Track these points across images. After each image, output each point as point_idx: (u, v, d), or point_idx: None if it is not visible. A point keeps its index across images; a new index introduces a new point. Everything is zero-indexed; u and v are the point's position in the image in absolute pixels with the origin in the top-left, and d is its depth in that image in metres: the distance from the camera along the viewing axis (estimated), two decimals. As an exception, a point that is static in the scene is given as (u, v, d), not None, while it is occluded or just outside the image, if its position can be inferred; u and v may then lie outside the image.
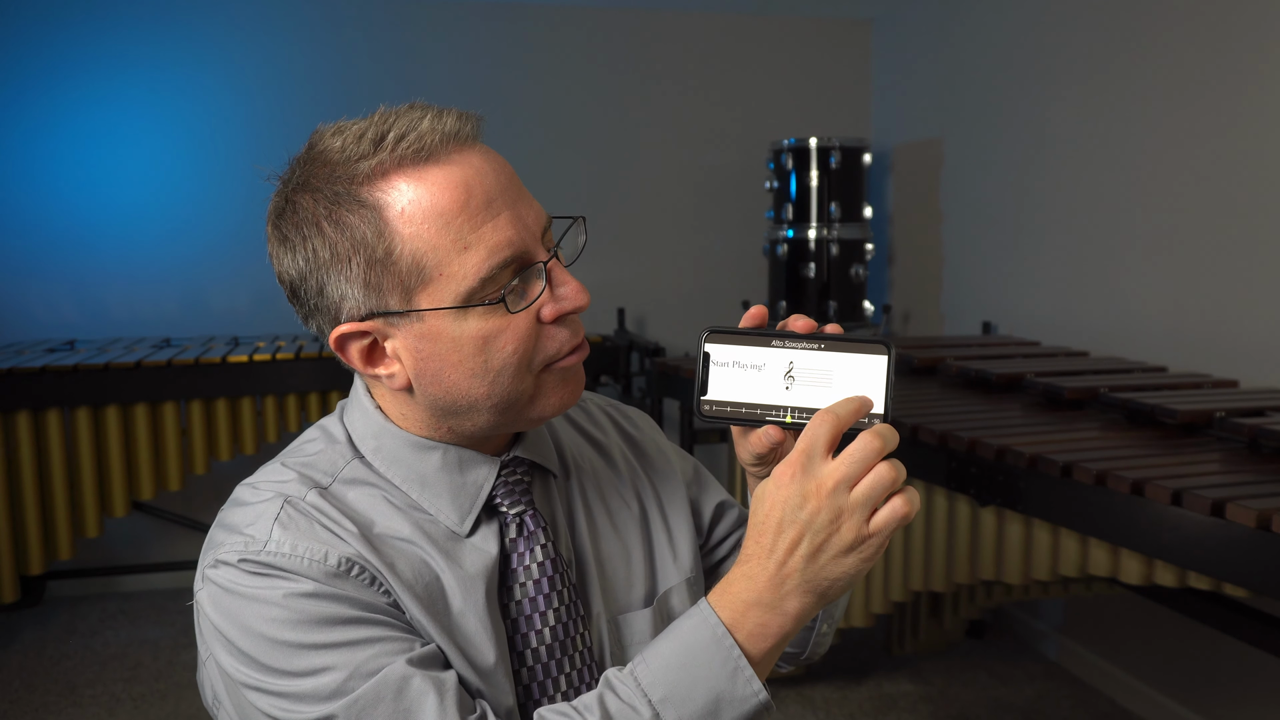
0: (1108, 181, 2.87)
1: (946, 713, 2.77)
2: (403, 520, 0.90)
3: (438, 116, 0.85)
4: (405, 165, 0.84)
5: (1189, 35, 2.59)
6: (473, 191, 0.84)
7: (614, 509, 1.03)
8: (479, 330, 0.85)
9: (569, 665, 0.94)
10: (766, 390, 0.83)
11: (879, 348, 0.82)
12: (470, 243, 0.84)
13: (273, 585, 0.83)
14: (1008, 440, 1.89)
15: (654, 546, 1.04)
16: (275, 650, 0.82)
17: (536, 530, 0.94)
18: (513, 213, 0.86)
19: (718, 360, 0.84)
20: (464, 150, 0.86)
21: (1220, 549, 1.49)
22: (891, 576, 2.29)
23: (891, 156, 4.06)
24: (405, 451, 0.92)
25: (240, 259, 3.74)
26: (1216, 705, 2.56)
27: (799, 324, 0.85)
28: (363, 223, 0.84)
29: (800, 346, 0.83)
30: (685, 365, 2.91)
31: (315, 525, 0.86)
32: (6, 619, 3.40)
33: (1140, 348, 2.74)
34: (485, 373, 0.86)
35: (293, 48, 3.75)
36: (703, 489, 1.13)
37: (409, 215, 0.83)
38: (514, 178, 0.89)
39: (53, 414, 3.03)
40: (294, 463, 0.93)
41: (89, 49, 3.59)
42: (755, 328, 0.85)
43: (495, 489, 0.94)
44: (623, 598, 1.00)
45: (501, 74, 3.87)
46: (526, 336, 0.86)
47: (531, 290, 0.87)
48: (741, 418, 0.84)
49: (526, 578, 0.93)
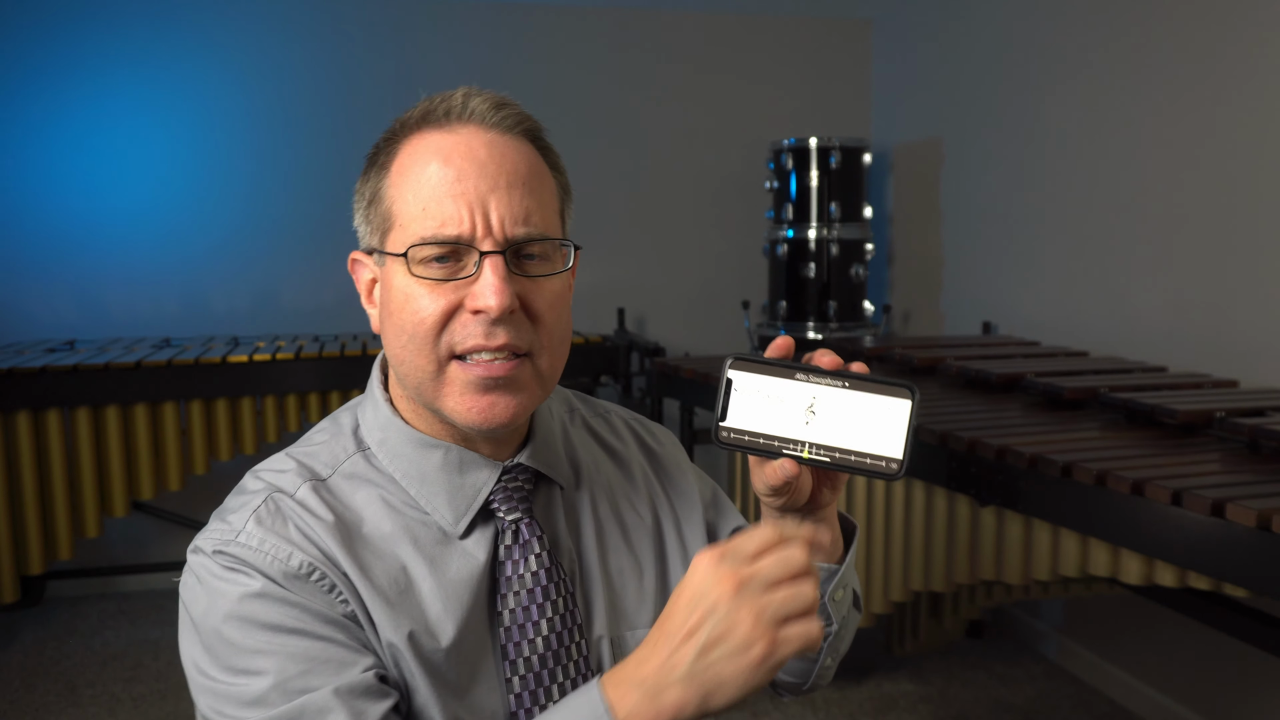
0: (1108, 181, 2.87)
1: (946, 713, 2.77)
2: (394, 522, 0.91)
3: (475, 97, 0.90)
4: (423, 125, 0.90)
5: (1189, 35, 2.59)
6: (450, 161, 0.87)
7: (627, 522, 1.02)
8: (405, 285, 0.88)
9: (562, 675, 0.93)
10: (786, 423, 0.83)
11: (903, 391, 0.81)
12: (426, 206, 0.87)
13: (232, 581, 0.84)
14: (1008, 440, 1.89)
15: (668, 566, 1.03)
16: (220, 645, 0.83)
17: (531, 539, 0.94)
18: (477, 197, 0.87)
19: (739, 388, 0.84)
20: (473, 127, 0.89)
21: (1220, 549, 1.49)
22: (891, 576, 2.28)
23: (891, 156, 4.06)
24: (409, 447, 0.93)
25: (240, 259, 3.74)
26: (1216, 705, 2.56)
27: (825, 359, 0.84)
28: (382, 169, 0.91)
29: (824, 383, 0.82)
30: (685, 365, 2.91)
31: (290, 524, 0.88)
32: (6, 619, 3.40)
33: (1140, 348, 2.74)
34: (400, 333, 0.89)
35: (293, 47, 3.75)
36: (720, 513, 1.11)
37: (398, 167, 0.90)
38: (513, 175, 0.89)
39: (53, 414, 3.03)
40: (298, 453, 0.94)
41: (89, 48, 3.59)
42: (780, 359, 0.84)
43: (494, 494, 0.94)
44: (631, 614, 0.99)
45: (501, 73, 3.87)
46: (437, 310, 0.87)
47: (461, 270, 0.87)
48: (759, 448, 0.83)
49: (520, 586, 0.92)
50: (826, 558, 0.96)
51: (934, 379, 2.63)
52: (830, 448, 0.82)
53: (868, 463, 0.82)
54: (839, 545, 0.98)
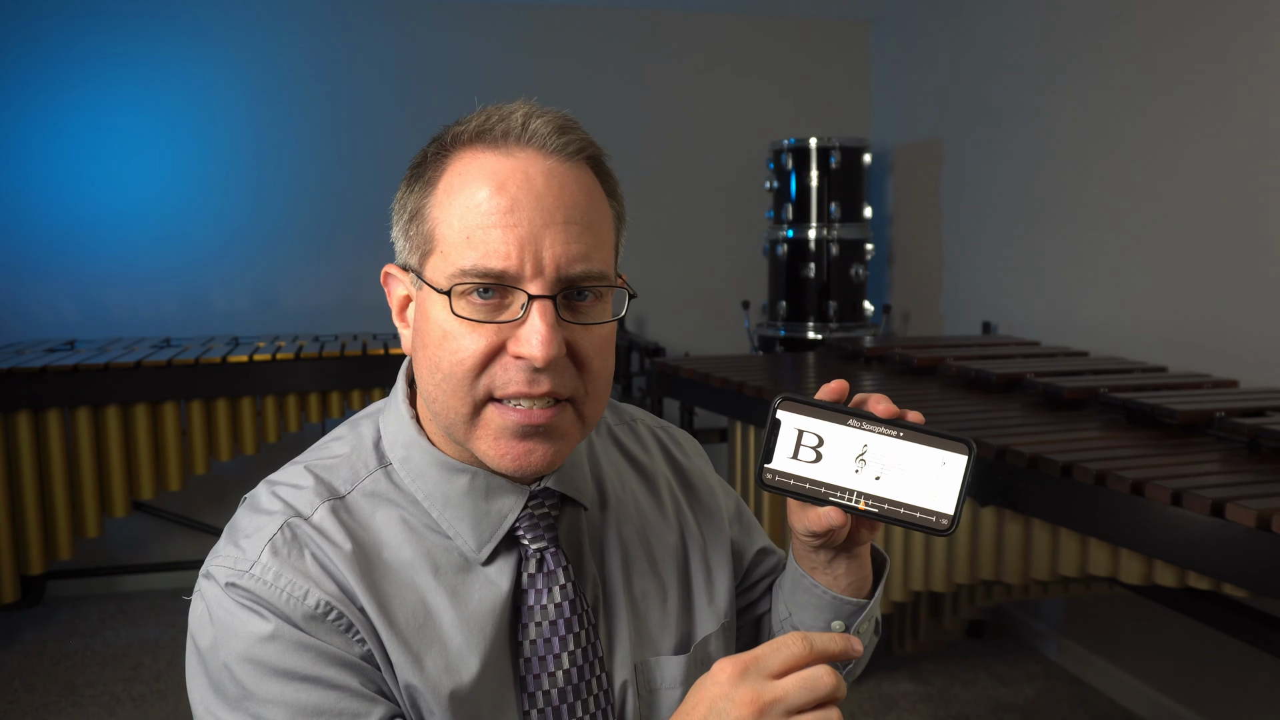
0: (1108, 181, 2.87)
1: (946, 713, 2.77)
2: (414, 547, 0.87)
3: (536, 116, 0.84)
4: (475, 142, 0.84)
5: (1189, 35, 2.59)
6: (504, 189, 0.81)
7: (653, 543, 0.98)
8: (443, 321, 0.82)
9: (581, 710, 0.89)
10: (834, 470, 0.80)
11: (960, 446, 0.78)
12: (473, 237, 0.81)
13: (244, 620, 0.82)
14: (1008, 440, 1.89)
15: (692, 588, 1.00)
16: (228, 683, 0.81)
17: (556, 569, 0.90)
18: (529, 232, 0.80)
19: (787, 429, 0.81)
20: (532, 153, 0.83)
21: (1220, 549, 1.49)
22: (891, 576, 2.28)
23: (891, 156, 4.06)
24: (433, 470, 0.89)
25: (240, 259, 3.74)
26: (1216, 705, 2.56)
27: (880, 407, 0.81)
28: (428, 184, 0.85)
29: (878, 431, 0.80)
30: (685, 365, 2.91)
31: (306, 555, 0.84)
32: (6, 619, 3.40)
33: (1140, 348, 2.74)
34: (435, 369, 0.83)
35: (294, 46, 3.75)
36: (745, 530, 1.09)
37: (445, 186, 0.84)
38: (570, 207, 0.82)
39: (53, 414, 3.03)
40: (317, 465, 0.90)
41: (90, 48, 3.59)
42: (833, 402, 0.82)
43: (519, 521, 0.90)
44: (655, 640, 0.96)
45: (501, 73, 3.87)
46: (478, 351, 0.81)
47: (506, 312, 0.81)
48: (804, 493, 0.81)
49: (543, 617, 0.89)
50: (856, 592, 0.95)
51: (934, 379, 2.63)
52: (879, 498, 0.80)
53: (917, 517, 0.79)
54: (868, 581, 0.96)
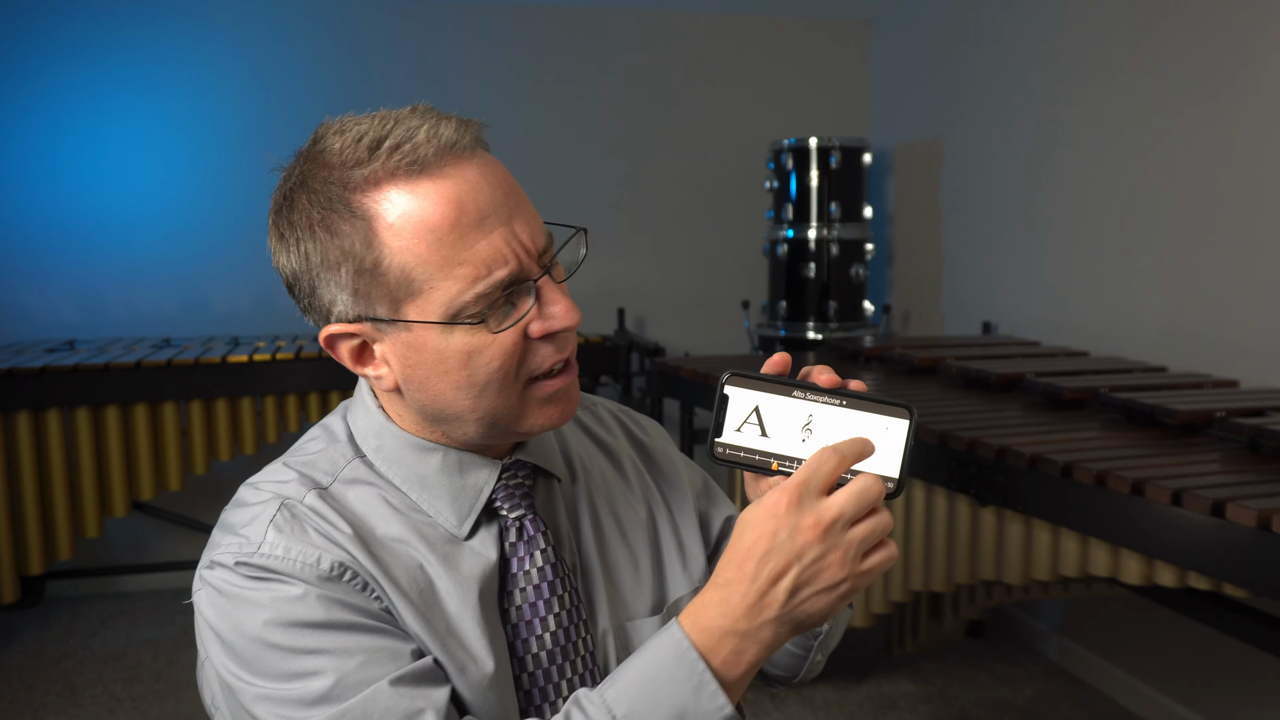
0: (1108, 181, 2.87)
1: (946, 713, 2.77)
2: (401, 523, 0.90)
3: (435, 125, 0.84)
4: (398, 176, 0.82)
5: (1189, 35, 2.59)
6: (465, 207, 0.82)
7: (622, 515, 1.02)
8: (464, 344, 0.84)
9: (570, 671, 0.93)
10: (782, 440, 0.83)
11: (901, 411, 0.80)
12: (461, 260, 0.82)
13: (265, 588, 0.83)
14: (1008, 440, 1.89)
15: (663, 554, 1.03)
16: (265, 653, 0.82)
17: (536, 535, 0.94)
18: (507, 229, 0.84)
19: (735, 403, 0.83)
20: (460, 162, 0.84)
21: (1220, 549, 1.49)
22: (891, 576, 2.28)
23: (891, 156, 4.06)
24: (406, 452, 0.92)
25: (241, 259, 3.74)
26: (1216, 705, 2.56)
27: (823, 377, 0.83)
28: (353, 232, 0.83)
29: (821, 400, 0.82)
30: (685, 365, 2.91)
31: (309, 529, 0.86)
32: (6, 619, 3.40)
33: (1140, 348, 2.74)
34: (470, 386, 0.86)
35: (296, 45, 3.75)
36: (711, 502, 1.12)
37: (398, 229, 0.82)
38: (513, 190, 0.86)
39: (53, 414, 3.03)
40: (295, 462, 0.93)
41: (90, 48, 3.59)
42: (777, 375, 0.84)
43: (495, 492, 0.93)
44: (630, 605, 0.99)
45: (502, 73, 3.87)
46: (511, 352, 0.85)
47: (520, 306, 0.86)
48: (754, 464, 0.83)
49: (526, 583, 0.92)
50: None
51: (934, 379, 2.63)
52: None
53: None
54: None
